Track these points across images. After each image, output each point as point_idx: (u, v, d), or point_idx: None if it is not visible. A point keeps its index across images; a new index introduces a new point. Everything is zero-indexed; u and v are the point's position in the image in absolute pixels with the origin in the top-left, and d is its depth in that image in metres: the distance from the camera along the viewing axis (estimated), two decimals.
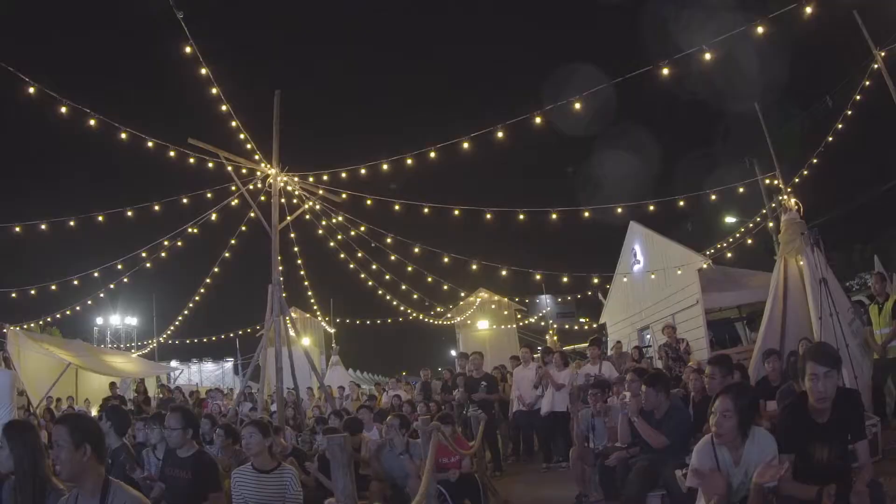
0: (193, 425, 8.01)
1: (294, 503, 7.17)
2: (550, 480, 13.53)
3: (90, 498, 4.67)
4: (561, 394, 15.03)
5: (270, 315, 16.67)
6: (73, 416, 5.13)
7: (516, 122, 14.42)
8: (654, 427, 8.40)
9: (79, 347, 26.96)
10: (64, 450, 4.62)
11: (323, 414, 17.54)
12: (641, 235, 26.43)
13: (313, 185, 17.95)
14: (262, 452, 7.41)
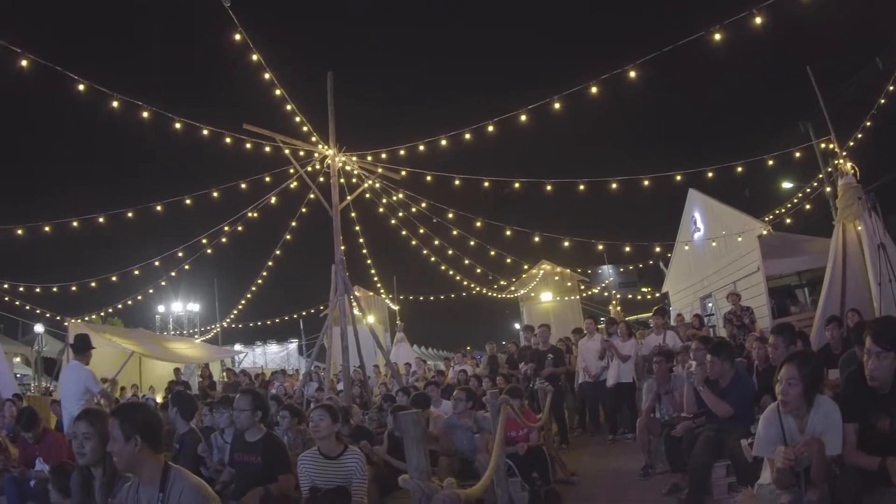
0: (263, 408, 8.02)
1: (360, 487, 7.14)
2: (616, 452, 13.51)
3: (149, 486, 4.73)
4: (626, 364, 15.08)
5: (335, 294, 16.75)
6: (124, 408, 5.13)
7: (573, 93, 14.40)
8: (719, 396, 8.41)
9: (141, 336, 27.28)
10: (117, 442, 4.70)
11: (390, 391, 17.71)
12: (700, 203, 26.26)
13: (372, 163, 18.01)
14: (330, 437, 7.38)
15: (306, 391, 18.37)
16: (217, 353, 32.88)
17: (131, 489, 4.87)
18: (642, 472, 10.69)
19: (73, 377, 11.90)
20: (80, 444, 5.43)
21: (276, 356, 53.07)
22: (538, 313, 37.33)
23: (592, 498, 10.03)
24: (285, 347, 53.64)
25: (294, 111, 16.78)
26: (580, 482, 11.08)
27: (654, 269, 35.40)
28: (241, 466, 7.88)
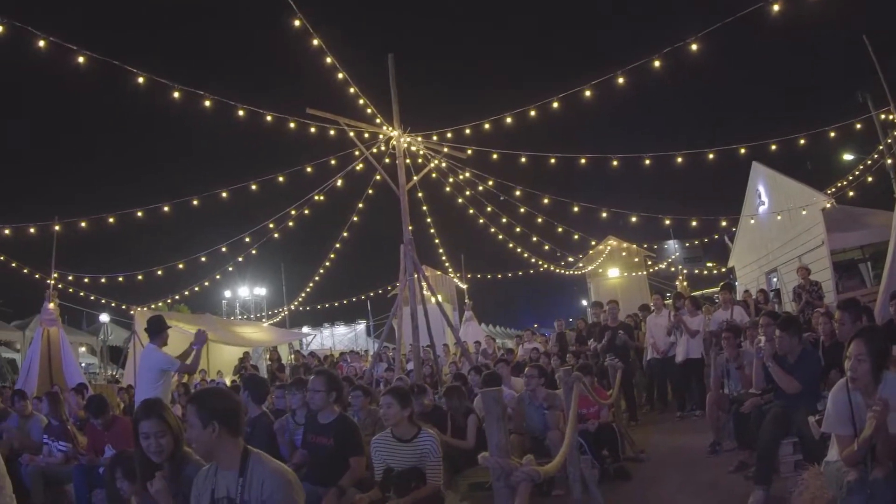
0: (337, 388, 7.97)
1: (434, 468, 7.16)
2: (685, 429, 13.58)
3: (229, 470, 4.75)
4: (695, 340, 15.08)
5: (404, 275, 16.83)
6: (201, 394, 5.11)
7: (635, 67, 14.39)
8: (788, 372, 8.39)
9: (208, 321, 27.55)
10: (194, 429, 4.71)
11: (460, 370, 17.79)
12: (764, 176, 26.03)
13: (437, 143, 18.02)
14: (401, 422, 7.38)
15: (375, 372, 18.55)
16: (285, 336, 33.12)
17: (209, 473, 4.90)
18: (710, 449, 10.74)
19: (147, 362, 11.84)
20: (156, 441, 5.38)
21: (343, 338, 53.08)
22: (606, 289, 37.34)
23: (661, 476, 10.07)
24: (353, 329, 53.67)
25: (357, 94, 16.84)
26: (649, 459, 11.15)
27: (719, 243, 35.17)
28: (313, 448, 7.89)
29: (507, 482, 4.17)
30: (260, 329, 31.78)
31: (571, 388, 8.25)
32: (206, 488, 4.83)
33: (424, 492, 6.91)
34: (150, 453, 5.36)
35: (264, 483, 4.54)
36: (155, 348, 11.66)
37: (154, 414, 5.44)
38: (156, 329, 11.85)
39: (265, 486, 4.53)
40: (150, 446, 5.35)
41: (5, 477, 6.97)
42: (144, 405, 5.68)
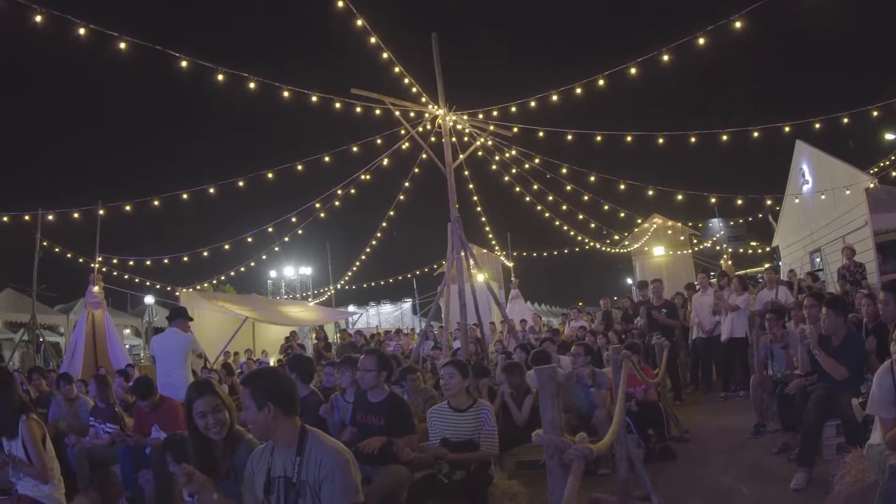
0: (387, 367, 7.87)
1: (489, 438, 7.30)
2: (729, 409, 13.59)
3: (286, 450, 4.75)
4: (740, 319, 15.12)
5: (451, 252, 16.92)
6: (254, 376, 5.13)
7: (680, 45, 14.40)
8: (833, 355, 8.34)
9: (254, 301, 28.00)
10: (249, 412, 4.74)
11: (506, 348, 17.86)
12: (808, 155, 25.86)
13: (483, 121, 18.06)
14: (461, 392, 7.55)
15: (422, 350, 18.69)
16: (331, 315, 33.63)
17: (264, 452, 4.93)
18: (754, 430, 10.79)
19: (172, 343, 12.14)
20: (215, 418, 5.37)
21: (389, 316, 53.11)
22: (651, 268, 37.17)
23: (705, 456, 10.14)
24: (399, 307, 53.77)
25: (402, 73, 16.91)
26: (693, 440, 11.24)
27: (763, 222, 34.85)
28: (363, 427, 7.79)
29: (561, 459, 4.20)
30: (306, 308, 32.07)
31: (620, 367, 8.27)
32: (262, 467, 4.88)
33: (477, 455, 7.10)
34: (210, 431, 5.37)
35: (322, 462, 4.57)
36: (178, 331, 11.87)
37: (208, 391, 5.46)
38: (178, 315, 12.14)
39: (322, 465, 4.55)
40: (207, 424, 5.35)
41: (54, 459, 7.11)
42: (195, 385, 5.72)
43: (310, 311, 31.60)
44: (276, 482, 4.74)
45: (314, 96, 16.27)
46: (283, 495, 4.67)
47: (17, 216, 21.10)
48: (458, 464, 6.95)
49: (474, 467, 7.03)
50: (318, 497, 4.54)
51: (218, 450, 5.41)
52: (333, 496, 4.45)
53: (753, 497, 7.87)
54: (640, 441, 9.50)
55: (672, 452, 10.13)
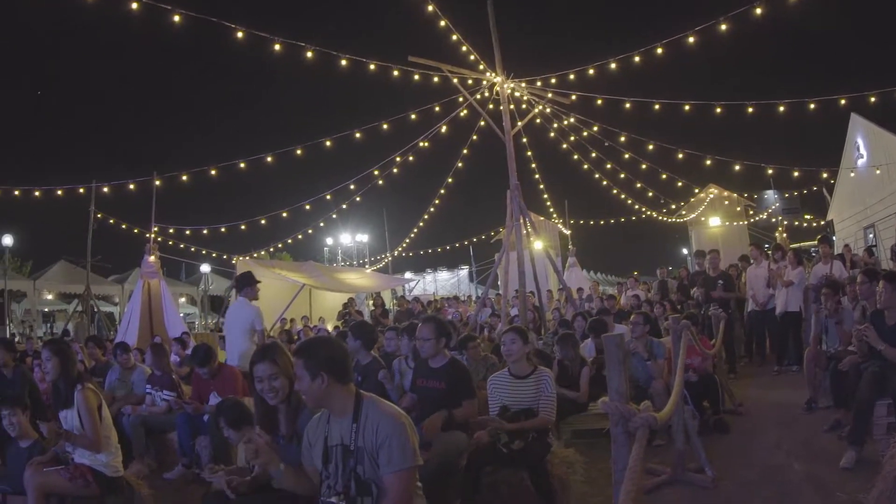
0: (446, 334, 7.91)
1: (548, 405, 7.35)
2: (781, 384, 13.60)
3: (342, 418, 4.77)
4: (794, 293, 15.04)
5: (510, 219, 16.99)
6: (306, 346, 5.03)
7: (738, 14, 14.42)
8: (888, 334, 8.24)
9: (311, 268, 27.98)
10: (303, 381, 4.74)
11: (563, 316, 17.93)
12: (863, 128, 25.64)
13: (540, 88, 18.10)
14: (521, 359, 7.59)
15: (480, 318, 18.77)
16: (388, 282, 33.73)
17: (321, 420, 4.97)
18: (806, 406, 10.78)
19: (240, 314, 12.23)
20: (269, 385, 5.43)
21: (446, 283, 53.10)
22: (707, 238, 36.89)
23: (757, 431, 10.18)
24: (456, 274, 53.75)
25: (460, 41, 17.00)
26: (747, 413, 11.28)
27: (817, 196, 34.62)
28: (423, 392, 7.90)
29: (626, 428, 4.22)
30: (363, 275, 32.11)
31: (680, 337, 8.36)
32: (319, 435, 4.92)
33: (535, 422, 7.18)
34: (266, 396, 5.47)
35: (378, 427, 4.58)
36: (246, 302, 12.00)
37: (267, 357, 5.48)
38: (245, 283, 12.21)
39: (379, 431, 4.57)
40: (263, 389, 5.45)
41: (110, 428, 7.26)
42: (260, 349, 5.76)
43: (367, 278, 31.64)
44: (334, 450, 4.79)
45: (372, 65, 16.45)
46: (341, 463, 4.71)
47: (72, 189, 21.47)
48: (518, 433, 7.02)
49: (533, 436, 7.08)
50: (377, 463, 4.57)
51: (282, 414, 5.53)
52: (392, 461, 4.49)
53: (803, 473, 7.89)
54: (695, 413, 9.42)
55: (725, 425, 10.20)
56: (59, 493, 6.87)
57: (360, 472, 4.59)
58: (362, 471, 4.58)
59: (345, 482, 4.63)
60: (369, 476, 4.57)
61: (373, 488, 4.56)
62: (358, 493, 4.59)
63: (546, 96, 18.37)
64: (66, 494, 6.88)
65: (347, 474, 4.63)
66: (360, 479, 4.59)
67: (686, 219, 39.26)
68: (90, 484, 6.84)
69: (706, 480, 7.76)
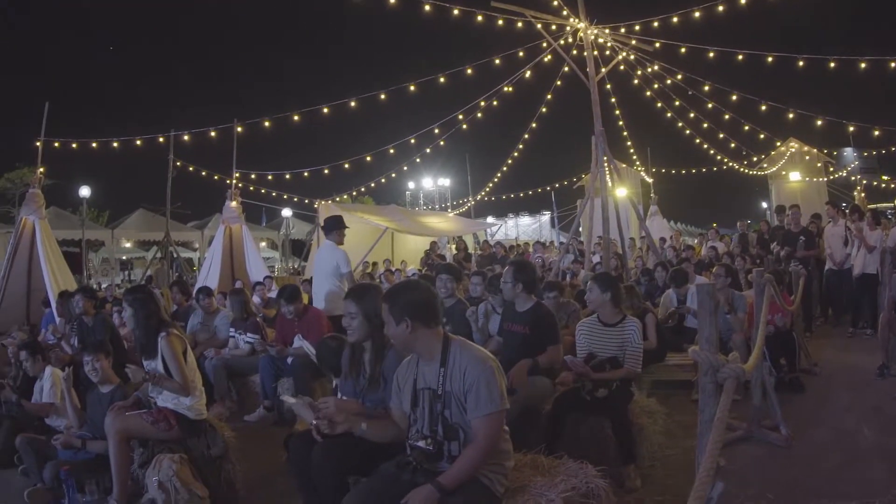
0: (524, 280, 7.87)
1: (634, 356, 7.43)
2: (856, 347, 13.55)
3: (430, 361, 4.84)
4: (873, 255, 14.69)
5: (595, 166, 17.16)
6: (392, 292, 5.10)
7: None
8: None
9: (393, 212, 28.36)
10: (389, 326, 4.83)
11: (646, 264, 17.94)
12: None
13: (624, 35, 17.98)
14: (605, 306, 7.67)
15: (562, 263, 18.84)
16: (470, 226, 33.57)
17: (410, 365, 5.04)
18: (878, 371, 10.69)
19: (326, 257, 12.16)
20: (348, 322, 5.60)
21: (528, 228, 53.05)
22: (786, 193, 36.54)
23: (830, 393, 10.19)
24: (538, 219, 53.60)
25: None
26: (820, 374, 11.30)
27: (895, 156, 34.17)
28: (508, 336, 7.97)
29: (714, 378, 4.25)
30: (445, 219, 32.27)
31: (763, 291, 8.28)
32: (408, 378, 5.01)
33: (620, 372, 7.29)
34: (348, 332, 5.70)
35: (466, 372, 4.64)
36: (333, 245, 11.94)
37: (350, 296, 5.70)
38: (332, 226, 12.15)
39: (467, 375, 4.62)
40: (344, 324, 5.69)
41: (195, 371, 7.29)
42: (351, 288, 5.97)
43: (449, 221, 31.74)
44: (422, 394, 4.87)
45: (455, 9, 16.53)
46: (429, 407, 4.81)
47: (151, 139, 21.88)
48: (602, 381, 7.14)
49: (616, 385, 7.18)
50: (464, 407, 4.64)
51: (367, 355, 5.72)
52: (479, 405, 4.55)
53: (873, 440, 7.88)
54: (772, 369, 9.29)
55: (801, 384, 10.19)
56: (140, 436, 6.95)
57: (447, 416, 4.70)
58: (450, 415, 4.69)
59: (432, 426, 4.75)
60: (457, 420, 4.67)
61: (460, 433, 4.66)
62: (445, 437, 4.69)
63: (629, 43, 18.24)
64: (148, 438, 6.94)
65: (435, 418, 4.75)
66: (448, 422, 4.70)
67: (766, 172, 38.70)
68: (173, 427, 6.96)
69: (780, 439, 7.80)
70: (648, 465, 7.20)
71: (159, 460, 6.61)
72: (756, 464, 7.32)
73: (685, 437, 7.80)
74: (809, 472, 6.95)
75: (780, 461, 7.38)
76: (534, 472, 5.19)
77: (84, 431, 7.69)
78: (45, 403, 8.69)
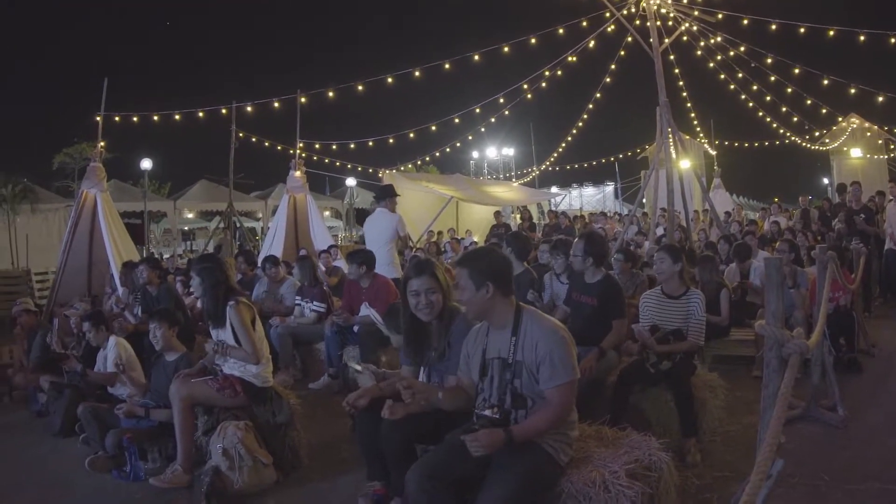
0: (595, 252, 7.95)
1: (697, 328, 7.47)
2: None
3: (501, 330, 4.86)
4: None
5: (660, 136, 17.12)
6: (472, 256, 5.12)
7: None
8: None
9: (458, 181, 28.43)
10: (466, 291, 4.80)
11: (709, 238, 17.88)
12: None
13: (687, 6, 17.87)
14: (673, 278, 7.75)
15: (626, 235, 18.73)
16: (534, 196, 33.81)
17: (479, 334, 5.06)
18: None
19: (381, 223, 12.45)
20: (427, 299, 5.44)
21: (591, 199, 52.78)
22: (847, 169, 35.95)
23: (887, 375, 10.08)
24: (601, 190, 53.36)
25: None
26: (878, 354, 11.12)
27: None
28: (576, 306, 8.06)
29: (779, 352, 4.28)
30: (510, 188, 32.40)
31: (825, 268, 8.21)
32: (477, 348, 5.03)
33: (683, 345, 7.34)
34: (419, 311, 5.49)
35: (538, 343, 4.66)
36: (386, 211, 12.21)
37: (426, 271, 5.51)
38: (385, 194, 12.51)
39: (539, 346, 4.65)
40: (419, 304, 5.45)
41: (263, 339, 7.35)
42: (416, 264, 5.75)
43: (514, 191, 31.79)
44: (491, 363, 4.90)
45: None
46: (498, 376, 4.84)
47: (213, 111, 22.18)
48: (666, 354, 7.21)
49: (680, 357, 7.26)
50: (535, 377, 4.67)
51: (433, 328, 5.65)
52: (553, 375, 4.60)
53: None
54: (831, 348, 9.04)
55: (859, 365, 10.09)
56: (205, 403, 7.12)
57: (516, 385, 4.75)
58: (519, 384, 4.73)
59: (500, 395, 4.80)
60: (526, 389, 4.72)
61: (528, 402, 4.72)
62: (512, 406, 4.75)
63: (692, 14, 18.13)
64: (213, 405, 7.13)
65: (503, 387, 4.79)
66: (516, 392, 4.75)
67: (828, 148, 38.14)
68: (239, 394, 7.05)
69: (837, 419, 7.77)
70: (708, 440, 7.24)
71: (224, 427, 6.77)
72: (812, 443, 7.29)
73: (745, 413, 7.89)
74: (865, 455, 6.91)
75: (836, 442, 7.35)
76: (598, 443, 5.27)
77: (147, 400, 7.86)
78: (109, 372, 8.82)
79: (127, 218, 26.73)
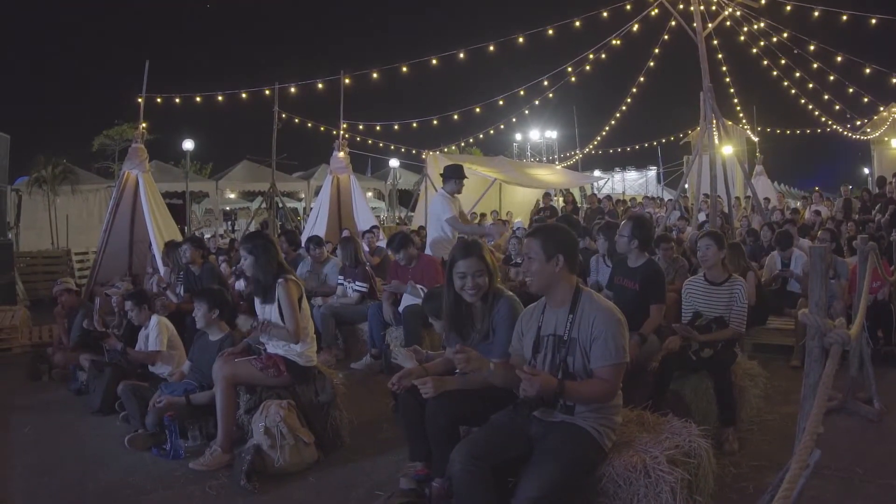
0: (639, 237, 7.99)
1: (739, 315, 7.43)
2: None
3: (558, 308, 4.88)
4: None
5: (703, 121, 17.02)
6: (545, 228, 5.14)
7: None
8: None
9: (502, 163, 28.07)
10: (535, 262, 4.79)
11: (751, 224, 17.78)
12: None
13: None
14: (717, 265, 7.73)
15: (668, 220, 18.74)
16: (577, 179, 33.75)
17: (535, 311, 5.08)
18: None
19: (434, 205, 12.46)
20: (473, 281, 5.48)
21: (634, 183, 52.41)
22: (889, 160, 35.51)
23: None
24: (644, 174, 52.86)
25: None
26: None
27: None
28: (618, 290, 8.03)
29: (821, 342, 4.18)
30: (553, 171, 31.92)
31: (867, 258, 8.01)
32: (532, 325, 5.04)
33: (725, 333, 7.33)
34: (464, 292, 5.52)
35: (594, 321, 4.70)
36: (444, 196, 12.01)
37: (474, 253, 5.52)
38: (451, 175, 12.24)
39: (595, 324, 4.69)
40: (465, 285, 5.49)
41: (308, 319, 7.32)
42: (463, 245, 5.72)
43: (557, 174, 31.40)
44: (546, 340, 4.93)
45: None
46: (552, 353, 4.87)
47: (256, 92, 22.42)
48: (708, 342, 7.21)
49: (722, 345, 7.26)
50: (587, 355, 4.72)
51: (476, 310, 5.67)
52: (606, 355, 4.65)
53: None
54: (869, 340, 8.96)
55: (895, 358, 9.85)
56: (248, 382, 7.20)
57: (569, 363, 4.80)
58: (572, 361, 4.79)
59: (552, 372, 4.81)
60: (577, 367, 4.76)
61: (578, 381, 4.75)
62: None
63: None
64: (257, 384, 7.19)
65: (556, 365, 4.84)
66: (568, 370, 4.79)
67: (869, 137, 37.53)
68: (282, 373, 7.07)
69: (872, 412, 7.75)
70: (746, 429, 7.23)
71: (266, 406, 6.81)
72: (847, 436, 7.25)
73: (784, 403, 7.88)
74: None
75: (872, 435, 7.33)
76: (639, 428, 5.31)
77: (190, 379, 7.91)
78: (151, 351, 8.87)
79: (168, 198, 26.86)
